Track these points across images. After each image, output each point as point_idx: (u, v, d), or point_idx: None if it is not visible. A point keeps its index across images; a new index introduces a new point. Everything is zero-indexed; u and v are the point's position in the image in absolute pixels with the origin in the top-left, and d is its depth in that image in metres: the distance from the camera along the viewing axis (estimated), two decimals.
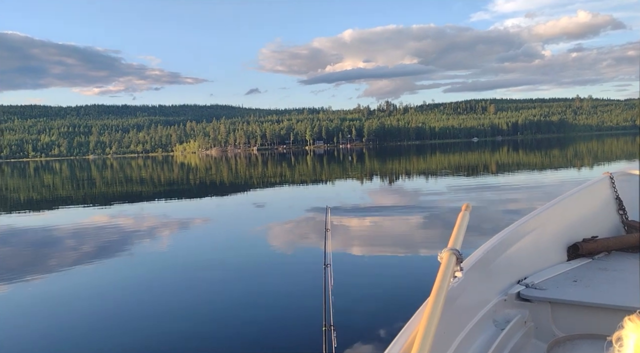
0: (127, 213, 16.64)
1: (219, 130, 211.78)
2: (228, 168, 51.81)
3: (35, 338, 5.48)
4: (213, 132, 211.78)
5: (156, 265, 8.79)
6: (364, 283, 6.96)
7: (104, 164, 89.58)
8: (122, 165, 79.68)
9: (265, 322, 5.62)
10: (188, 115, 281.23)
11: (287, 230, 12.11)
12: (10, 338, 5.51)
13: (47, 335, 5.55)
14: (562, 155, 42.85)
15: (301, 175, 34.16)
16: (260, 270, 8.16)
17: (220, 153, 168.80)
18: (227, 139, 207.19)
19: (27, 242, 11.89)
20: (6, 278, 8.15)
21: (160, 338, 5.26)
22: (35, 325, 5.87)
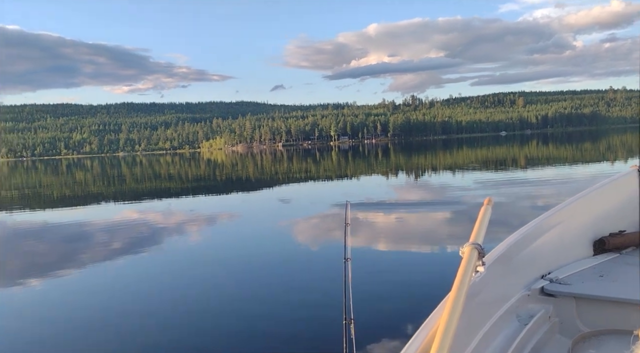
0: (156, 209, 17.01)
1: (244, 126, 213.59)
2: (253, 164, 52.28)
3: (69, 331, 5.68)
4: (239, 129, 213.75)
5: (182, 260, 8.98)
6: (384, 277, 6.97)
7: (133, 161, 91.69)
8: (150, 162, 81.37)
9: (286, 315, 5.70)
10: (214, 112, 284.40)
11: (309, 225, 12.19)
12: (44, 332, 5.73)
13: (79, 328, 5.75)
14: (594, 149, 41.65)
15: (326, 171, 34.21)
16: (282, 264, 8.25)
17: (246, 149, 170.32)
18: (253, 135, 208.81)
19: (60, 237, 12.30)
20: (39, 273, 8.46)
21: (185, 331, 5.39)
22: (68, 320, 6.09)
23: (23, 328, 5.85)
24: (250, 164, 53.95)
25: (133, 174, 45.61)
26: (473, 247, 1.91)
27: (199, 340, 5.07)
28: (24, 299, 6.97)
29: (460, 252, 1.92)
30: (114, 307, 6.40)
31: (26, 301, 6.88)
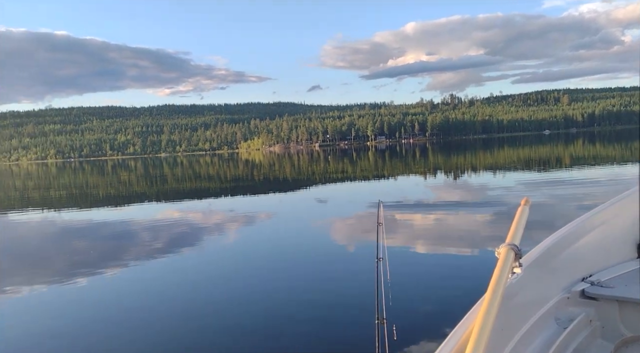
0: (196, 209, 17.43)
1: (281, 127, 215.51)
2: (290, 164, 52.69)
3: (112, 326, 5.91)
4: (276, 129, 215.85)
5: (219, 259, 9.17)
6: (417, 277, 6.90)
7: (174, 162, 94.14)
8: (191, 162, 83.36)
9: (320, 313, 5.73)
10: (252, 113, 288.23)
11: (343, 224, 12.23)
12: (86, 328, 5.98)
13: (122, 324, 5.98)
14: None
15: (362, 171, 34.09)
16: (315, 264, 8.32)
17: (283, 149, 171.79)
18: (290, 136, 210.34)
19: (105, 236, 12.79)
20: (85, 270, 8.84)
21: (218, 329, 5.51)
22: (111, 316, 6.34)
23: (65, 323, 6.13)
24: (287, 164, 54.41)
25: (174, 174, 46.84)
26: (509, 247, 1.88)
27: (232, 339, 5.18)
28: (68, 295, 7.29)
29: (496, 253, 1.89)
30: (151, 304, 6.62)
31: (71, 297, 7.20)
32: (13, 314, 6.54)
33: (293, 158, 73.50)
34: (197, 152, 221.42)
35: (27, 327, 5.97)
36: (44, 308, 6.70)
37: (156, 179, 39.57)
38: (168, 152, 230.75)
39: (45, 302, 6.96)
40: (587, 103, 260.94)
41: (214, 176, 38.81)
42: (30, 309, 6.69)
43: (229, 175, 39.03)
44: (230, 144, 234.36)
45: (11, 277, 8.55)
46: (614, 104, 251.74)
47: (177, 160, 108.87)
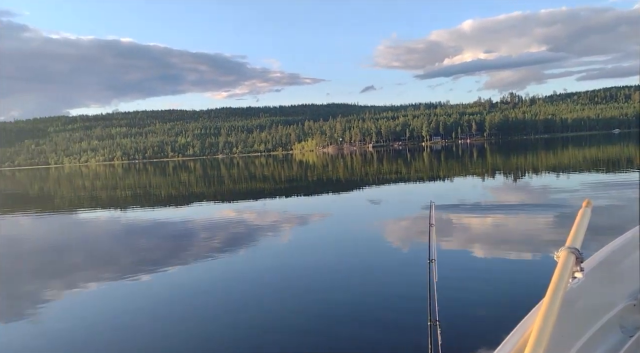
0: (251, 209, 17.85)
1: (335, 128, 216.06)
2: (344, 165, 52.74)
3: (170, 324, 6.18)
4: (329, 130, 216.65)
5: (270, 258, 9.35)
6: (470, 280, 6.73)
7: (231, 163, 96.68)
8: (247, 163, 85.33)
9: (371, 314, 5.72)
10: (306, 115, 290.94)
11: (396, 225, 12.14)
12: (147, 326, 6.28)
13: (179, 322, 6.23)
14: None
15: (417, 172, 33.57)
16: (367, 264, 8.31)
17: (337, 150, 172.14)
18: (343, 137, 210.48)
19: (166, 234, 13.37)
20: (146, 268, 9.28)
21: (267, 330, 5.63)
22: (169, 314, 6.62)
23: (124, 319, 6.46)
24: (340, 165, 54.51)
25: (231, 175, 48.14)
26: (569, 251, 1.82)
27: (284, 338, 5.27)
28: (129, 291, 7.69)
29: (555, 256, 1.84)
30: (208, 302, 6.85)
31: (131, 293, 7.59)
32: (76, 308, 6.98)
33: (346, 159, 73.53)
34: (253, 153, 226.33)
35: (88, 322, 6.36)
36: (105, 303, 7.11)
37: (214, 180, 40.84)
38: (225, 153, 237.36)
39: (108, 297, 7.38)
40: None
41: (269, 177, 39.55)
42: (93, 304, 7.11)
43: (283, 176, 39.65)
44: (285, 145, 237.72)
45: (78, 273, 9.13)
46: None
47: (233, 161, 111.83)
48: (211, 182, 38.44)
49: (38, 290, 7.95)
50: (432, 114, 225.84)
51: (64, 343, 5.62)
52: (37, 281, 8.58)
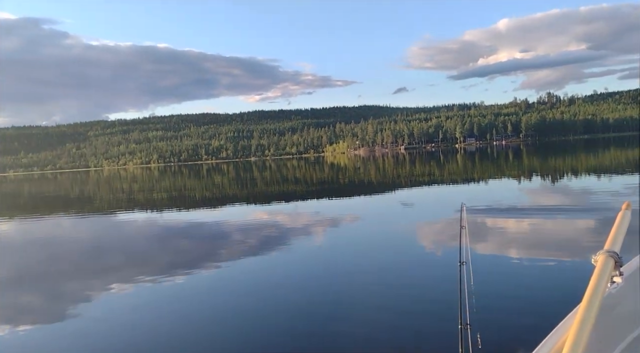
0: (283, 211, 17.99)
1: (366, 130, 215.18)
2: (375, 167, 52.48)
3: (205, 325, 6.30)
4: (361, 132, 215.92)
5: (302, 260, 9.40)
6: (504, 283, 6.59)
7: (263, 165, 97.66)
8: (279, 166, 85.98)
9: (400, 317, 5.68)
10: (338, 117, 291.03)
11: (427, 227, 12.04)
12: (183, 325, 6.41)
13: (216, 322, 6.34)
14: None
15: (450, 174, 33.07)
16: (397, 266, 8.26)
17: (368, 153, 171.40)
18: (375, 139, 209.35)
19: (201, 236, 13.64)
20: (182, 268, 9.48)
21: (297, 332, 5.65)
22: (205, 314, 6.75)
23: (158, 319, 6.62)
24: (372, 167, 54.25)
25: (263, 177, 48.63)
26: (608, 255, 1.76)
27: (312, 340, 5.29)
28: (163, 292, 7.88)
29: (592, 260, 1.79)
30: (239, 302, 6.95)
31: (166, 293, 7.77)
32: (114, 307, 7.20)
33: (378, 161, 73.14)
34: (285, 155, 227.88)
35: (126, 321, 6.55)
36: (141, 303, 7.30)
37: (246, 182, 41.36)
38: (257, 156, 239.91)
39: (144, 298, 7.58)
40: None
41: (301, 179, 39.75)
42: (130, 303, 7.32)
43: (314, 179, 39.77)
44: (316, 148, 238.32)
45: (116, 273, 9.42)
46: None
47: (265, 163, 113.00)
48: (244, 184, 38.94)
49: (79, 290, 8.25)
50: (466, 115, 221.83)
51: (103, 341, 5.81)
52: (78, 281, 8.91)
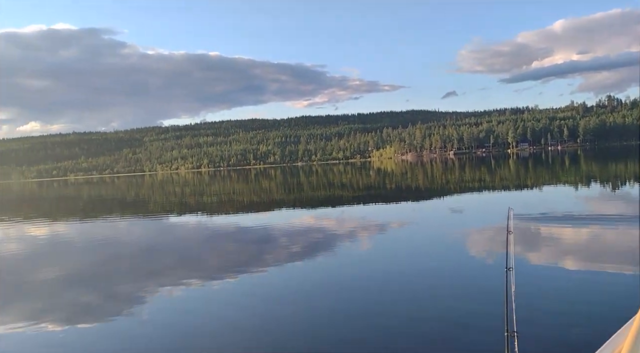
0: (330, 216, 18.06)
1: (414, 135, 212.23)
2: (423, 173, 51.68)
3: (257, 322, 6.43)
4: (409, 137, 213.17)
5: (353, 265, 9.39)
6: (554, 291, 6.34)
7: (310, 170, 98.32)
8: (325, 171, 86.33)
9: (444, 321, 5.58)
10: (385, 122, 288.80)
11: (474, 233, 11.81)
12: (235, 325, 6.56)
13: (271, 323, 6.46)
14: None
15: (501, 180, 32.08)
16: (442, 272, 8.16)
17: (416, 158, 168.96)
18: (423, 144, 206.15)
19: (249, 239, 13.91)
20: (232, 269, 9.71)
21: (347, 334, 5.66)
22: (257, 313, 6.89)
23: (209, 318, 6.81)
24: (420, 172, 53.47)
25: (309, 182, 48.99)
26: None
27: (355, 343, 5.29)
28: (214, 292, 8.09)
29: None
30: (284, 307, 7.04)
31: (217, 296, 7.98)
32: (166, 306, 7.48)
33: (426, 166, 71.97)
34: (331, 160, 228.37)
35: (178, 319, 6.79)
36: (188, 305, 7.54)
37: (293, 187, 41.80)
38: (304, 161, 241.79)
39: (191, 299, 7.83)
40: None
41: (347, 184, 39.74)
42: (178, 305, 7.57)
43: (361, 184, 39.64)
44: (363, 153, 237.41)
45: (169, 274, 9.77)
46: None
47: (312, 168, 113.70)
48: (291, 189, 39.38)
49: (132, 290, 8.62)
50: (518, 119, 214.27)
51: (159, 338, 6.06)
52: (131, 282, 9.32)
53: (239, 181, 65.02)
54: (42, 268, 11.03)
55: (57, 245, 14.82)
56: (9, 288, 9.02)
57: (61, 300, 8.03)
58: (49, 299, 8.10)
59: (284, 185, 45.36)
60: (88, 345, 5.92)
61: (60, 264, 11.46)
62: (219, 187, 51.44)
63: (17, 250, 14.11)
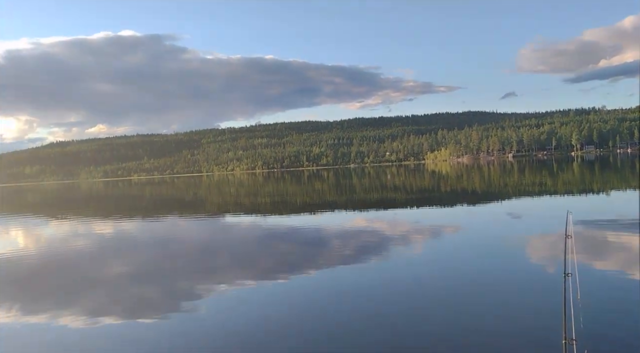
0: (382, 218, 17.93)
1: (470, 137, 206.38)
2: (480, 176, 50.18)
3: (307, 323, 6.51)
4: (465, 139, 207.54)
5: (404, 269, 9.29)
6: (616, 299, 5.99)
7: (362, 172, 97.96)
8: (378, 173, 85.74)
9: (498, 327, 5.41)
10: (440, 124, 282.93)
11: (531, 237, 11.44)
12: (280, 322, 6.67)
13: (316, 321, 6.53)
14: None
15: (565, 184, 30.60)
16: (496, 276, 7.95)
17: (472, 160, 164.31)
18: (480, 146, 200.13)
19: (301, 240, 14.07)
20: (282, 270, 9.87)
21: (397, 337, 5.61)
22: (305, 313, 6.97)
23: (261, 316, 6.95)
24: (476, 175, 51.97)
25: (362, 184, 48.82)
26: None
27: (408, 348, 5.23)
28: (266, 291, 8.25)
29: None
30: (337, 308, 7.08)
31: (268, 293, 8.14)
32: (222, 304, 7.70)
33: (483, 169, 69.82)
34: (384, 162, 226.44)
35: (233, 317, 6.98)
36: (246, 301, 7.73)
37: (346, 189, 41.81)
38: (357, 163, 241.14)
39: (247, 296, 8.02)
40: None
41: (400, 187, 39.28)
42: (237, 300, 7.78)
43: (414, 186, 39.07)
44: (417, 155, 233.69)
45: (224, 272, 10.07)
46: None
47: (364, 170, 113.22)
48: (343, 190, 39.42)
49: (189, 287, 8.96)
50: (584, 121, 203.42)
51: (212, 334, 6.28)
52: (188, 279, 9.68)
53: (292, 182, 65.84)
54: (105, 264, 11.68)
55: (121, 242, 15.64)
56: (76, 283, 9.62)
57: (122, 295, 8.47)
58: (111, 294, 8.56)
59: (337, 187, 45.47)
60: (145, 339, 6.20)
61: (122, 261, 12.09)
62: (273, 187, 52.32)
63: (84, 246, 15.01)
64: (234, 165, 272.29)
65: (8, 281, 10.06)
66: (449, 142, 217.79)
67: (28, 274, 10.65)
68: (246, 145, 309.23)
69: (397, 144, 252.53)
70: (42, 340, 6.30)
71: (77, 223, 22.82)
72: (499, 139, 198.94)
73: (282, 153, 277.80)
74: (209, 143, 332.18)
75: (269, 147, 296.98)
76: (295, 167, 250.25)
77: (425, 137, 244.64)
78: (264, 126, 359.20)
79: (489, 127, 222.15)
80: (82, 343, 6.15)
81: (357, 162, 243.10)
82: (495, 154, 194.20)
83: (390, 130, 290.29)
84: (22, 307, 7.87)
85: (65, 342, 6.18)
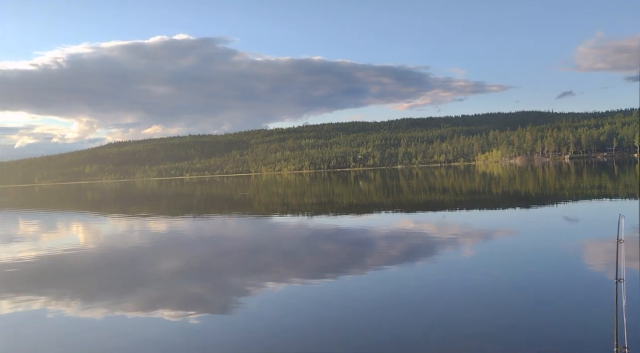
0: (430, 221, 17.67)
1: (524, 137, 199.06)
2: (534, 178, 48.36)
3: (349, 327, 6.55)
4: (517, 140, 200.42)
5: (451, 273, 9.15)
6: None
7: (410, 173, 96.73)
8: (426, 174, 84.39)
9: (547, 335, 5.23)
10: (491, 124, 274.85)
11: (584, 242, 11.04)
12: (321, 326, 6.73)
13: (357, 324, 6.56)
14: None
15: (626, 187, 28.99)
16: (545, 281, 7.70)
17: (526, 162, 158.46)
18: (534, 147, 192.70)
19: (347, 241, 14.11)
20: (327, 272, 9.94)
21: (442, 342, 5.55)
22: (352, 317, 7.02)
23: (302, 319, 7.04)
24: (530, 177, 50.12)
25: (409, 185, 48.22)
26: None
27: None
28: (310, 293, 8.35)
29: None
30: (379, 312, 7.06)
31: (313, 296, 8.23)
32: (267, 303, 7.86)
33: (537, 171, 67.20)
34: (432, 164, 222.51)
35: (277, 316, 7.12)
36: (291, 302, 7.86)
37: (393, 190, 41.45)
38: (404, 163, 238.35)
39: (293, 295, 8.15)
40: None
41: (449, 188, 38.50)
42: (282, 300, 7.93)
43: (464, 188, 38.19)
44: (467, 156, 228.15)
45: (269, 272, 10.27)
46: None
47: (412, 171, 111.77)
48: (390, 192, 39.10)
49: (237, 285, 9.21)
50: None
51: (258, 332, 6.44)
52: (236, 277, 9.95)
53: (339, 183, 65.92)
54: (158, 260, 12.19)
55: (173, 240, 16.25)
56: (129, 278, 10.11)
57: (173, 291, 8.82)
58: (163, 290, 8.94)
59: (383, 188, 45.14)
60: (194, 335, 6.45)
61: (173, 257, 12.57)
62: (320, 188, 52.62)
63: (139, 243, 15.71)
64: (282, 165, 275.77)
65: (70, 274, 10.71)
66: (501, 143, 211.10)
67: (88, 268, 11.28)
68: (293, 145, 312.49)
69: (446, 144, 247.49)
70: (100, 332, 6.68)
71: (134, 220, 23.88)
72: (555, 140, 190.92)
73: (329, 154, 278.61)
74: (258, 143, 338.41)
75: (316, 148, 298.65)
76: (341, 167, 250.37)
77: (475, 137, 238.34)
78: (311, 127, 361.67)
79: (544, 127, 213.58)
80: (138, 333, 6.50)
81: (405, 163, 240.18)
82: (550, 155, 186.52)
83: (439, 131, 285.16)
84: (84, 298, 8.37)
85: (122, 333, 6.54)
